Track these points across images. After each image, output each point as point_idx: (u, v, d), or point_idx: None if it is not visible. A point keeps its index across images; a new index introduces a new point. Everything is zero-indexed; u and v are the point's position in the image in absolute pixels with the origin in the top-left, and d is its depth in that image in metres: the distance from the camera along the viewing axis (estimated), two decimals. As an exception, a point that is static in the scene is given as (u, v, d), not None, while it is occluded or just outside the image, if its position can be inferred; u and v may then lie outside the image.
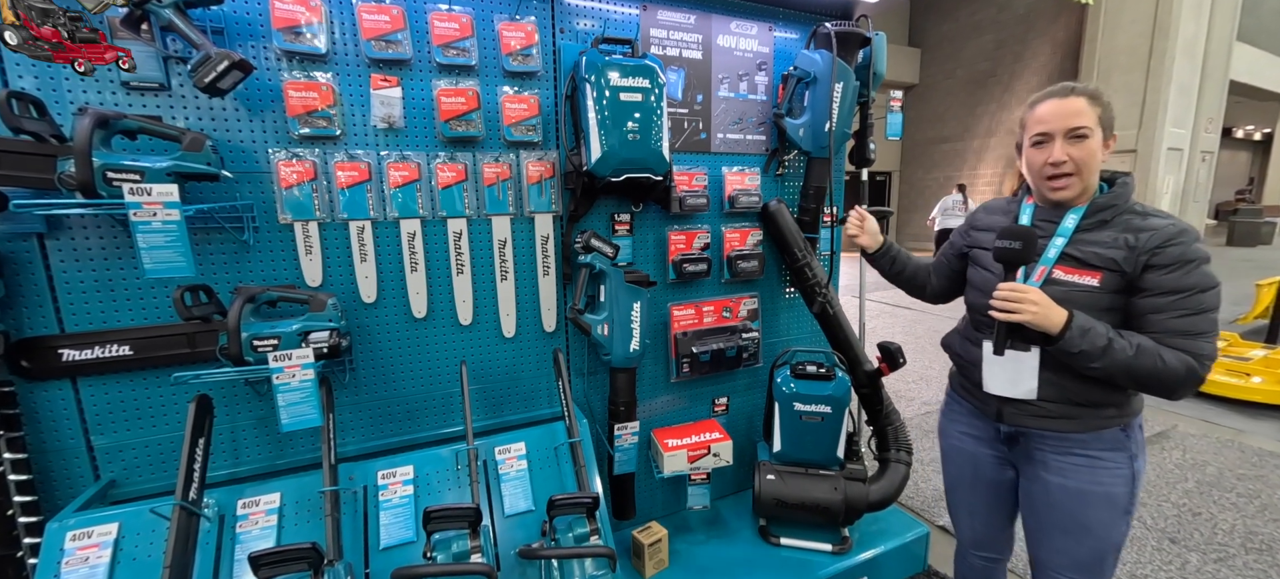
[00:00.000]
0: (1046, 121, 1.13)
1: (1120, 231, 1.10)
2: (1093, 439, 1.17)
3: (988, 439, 1.34)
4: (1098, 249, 1.11)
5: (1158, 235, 1.06)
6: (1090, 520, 1.18)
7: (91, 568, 1.17)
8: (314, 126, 1.39)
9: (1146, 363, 1.04)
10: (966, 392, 1.37)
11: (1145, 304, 1.08)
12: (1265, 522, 2.36)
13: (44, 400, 1.30)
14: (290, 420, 1.23)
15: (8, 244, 1.22)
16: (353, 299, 1.51)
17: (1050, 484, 1.21)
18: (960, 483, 1.44)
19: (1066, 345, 1.08)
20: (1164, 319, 1.05)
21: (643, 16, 1.73)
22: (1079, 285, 1.12)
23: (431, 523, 1.20)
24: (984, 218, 1.36)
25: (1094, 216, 1.13)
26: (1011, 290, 1.12)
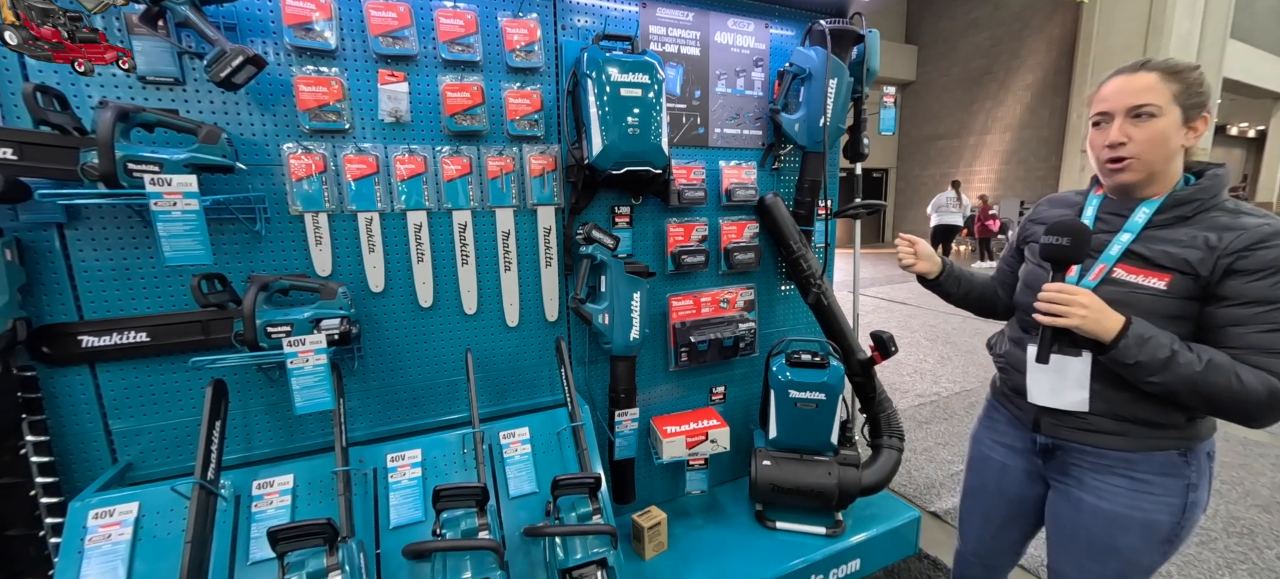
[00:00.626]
0: (1107, 100, 1.02)
1: (1202, 230, 0.96)
2: (1142, 460, 1.05)
3: (1021, 450, 1.25)
4: (1170, 247, 0.98)
5: (1247, 235, 0.92)
6: (1120, 545, 1.08)
7: (114, 545, 1.21)
8: (324, 120, 1.43)
9: (1218, 380, 0.90)
10: (1006, 398, 1.28)
11: (1224, 314, 0.94)
12: (1247, 507, 2.43)
13: (63, 385, 1.35)
14: (304, 403, 1.28)
15: (29, 233, 1.26)
16: (361, 288, 1.55)
17: (1083, 502, 1.12)
18: (981, 492, 1.36)
19: (1120, 355, 0.96)
20: (1245, 333, 0.92)
21: (642, 13, 1.78)
22: (1142, 287, 0.99)
23: (440, 501, 1.25)
24: (1045, 211, 1.25)
25: (1171, 211, 1.00)
26: (1059, 291, 1.00)
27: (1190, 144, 1.00)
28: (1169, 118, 0.97)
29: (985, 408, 1.40)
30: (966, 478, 1.43)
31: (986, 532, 1.38)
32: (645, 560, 1.82)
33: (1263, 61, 11.62)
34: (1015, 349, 1.21)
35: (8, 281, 1.19)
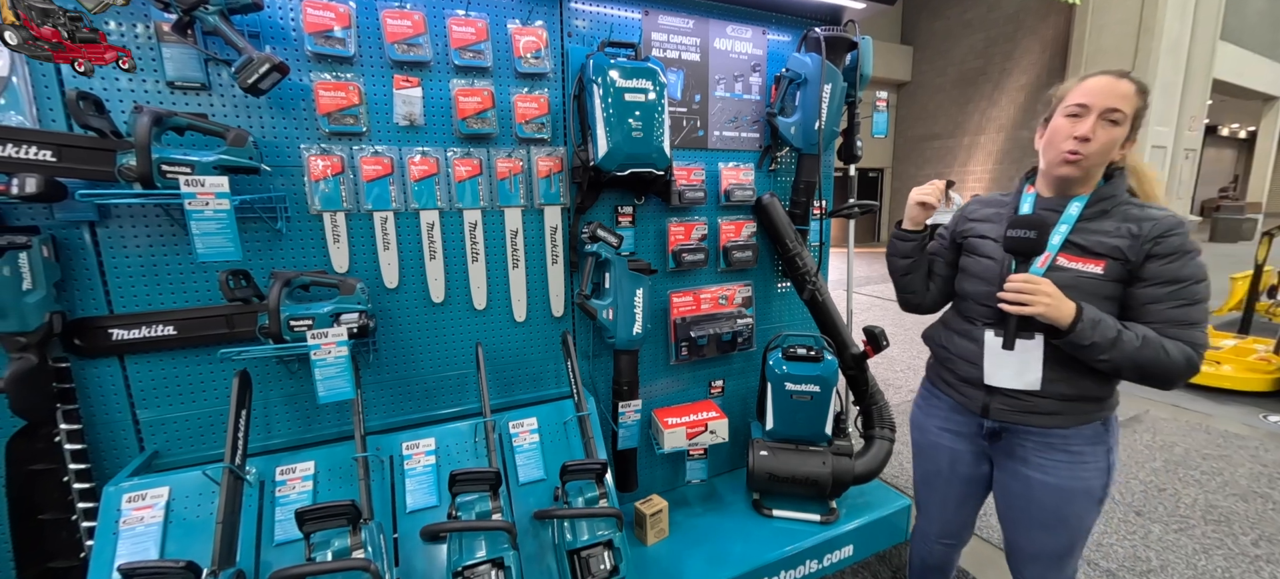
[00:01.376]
0: (1090, 94, 1.09)
1: (1120, 221, 1.10)
2: (1074, 434, 1.18)
3: (968, 434, 1.34)
4: (1101, 237, 1.10)
5: (1160, 225, 1.07)
6: (1067, 514, 1.20)
7: (147, 527, 1.28)
8: (341, 124, 1.50)
9: (1150, 354, 1.04)
10: (948, 385, 1.35)
11: (1145, 293, 1.08)
12: (1225, 496, 2.53)
13: (93, 376, 1.41)
14: (326, 393, 1.35)
15: (63, 231, 1.32)
16: (376, 284, 1.62)
17: (1032, 480, 1.22)
18: (936, 477, 1.43)
19: (1077, 338, 1.06)
20: (1163, 309, 1.06)
21: (644, 21, 1.85)
22: (1084, 273, 1.11)
23: (457, 485, 1.33)
24: (979, 209, 1.34)
25: (1096, 206, 1.13)
26: (1025, 282, 1.09)
27: (1119, 157, 1.15)
28: (1124, 128, 1.09)
29: (923, 395, 1.47)
30: (917, 465, 1.50)
31: (946, 512, 1.46)
32: (647, 546, 1.89)
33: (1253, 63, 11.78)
34: (964, 340, 1.28)
35: (45, 277, 1.26)
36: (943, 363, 1.37)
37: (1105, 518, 2.37)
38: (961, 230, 1.35)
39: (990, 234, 1.27)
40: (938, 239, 1.45)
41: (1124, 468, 2.79)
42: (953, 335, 1.33)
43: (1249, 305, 4.84)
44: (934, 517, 1.50)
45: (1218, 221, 13.04)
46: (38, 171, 1.16)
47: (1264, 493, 2.55)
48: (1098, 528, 2.30)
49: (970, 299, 1.28)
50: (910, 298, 1.46)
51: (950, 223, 1.42)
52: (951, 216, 1.44)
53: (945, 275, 1.41)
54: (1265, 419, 3.35)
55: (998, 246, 1.24)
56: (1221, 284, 6.71)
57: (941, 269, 1.42)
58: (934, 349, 1.41)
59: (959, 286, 1.34)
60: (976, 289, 1.26)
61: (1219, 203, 14.38)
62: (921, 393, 1.49)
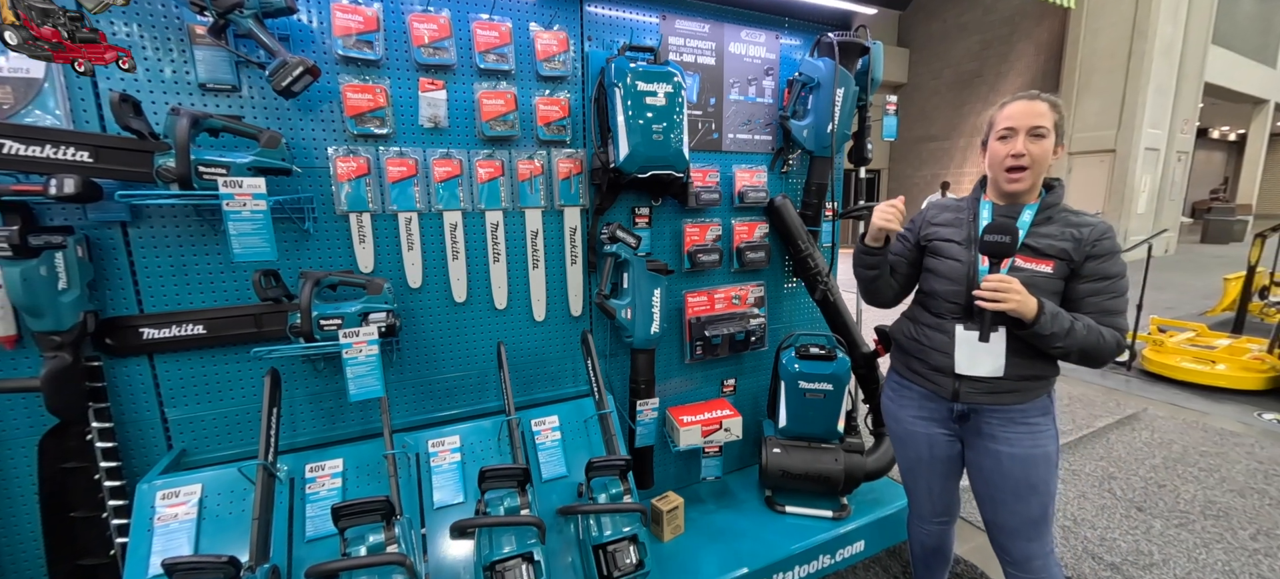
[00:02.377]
0: (1014, 118, 1.27)
1: (1063, 226, 1.28)
2: (1030, 407, 1.33)
3: (940, 419, 1.45)
4: (1050, 240, 1.27)
5: (1096, 230, 1.26)
6: (1036, 479, 1.34)
7: (181, 523, 1.30)
8: (368, 126, 1.52)
9: (1094, 339, 1.22)
10: (919, 375, 1.46)
11: (1084, 288, 1.26)
12: (1223, 492, 2.59)
13: (124, 375, 1.43)
14: (357, 391, 1.37)
15: (96, 231, 1.34)
16: (400, 284, 1.64)
17: (1001, 455, 1.35)
18: (919, 463, 1.53)
19: (1039, 329, 1.22)
20: (1099, 301, 1.25)
21: (662, 25, 1.88)
22: (1038, 272, 1.27)
23: (486, 482, 1.35)
24: (939, 215, 1.46)
25: (1043, 212, 1.31)
26: (1000, 282, 1.23)
27: (1053, 163, 1.30)
28: (1050, 140, 1.26)
29: (892, 387, 1.58)
30: (900, 455, 1.60)
31: (934, 493, 1.56)
32: (664, 542, 1.92)
33: (1243, 67, 11.96)
34: (935, 333, 1.40)
35: (79, 277, 1.28)
36: (913, 355, 1.48)
37: (1107, 513, 2.42)
38: (926, 234, 1.47)
39: (954, 238, 1.39)
40: (899, 240, 1.55)
41: (1124, 465, 2.85)
42: (924, 329, 1.44)
43: (1242, 306, 4.93)
44: (924, 499, 1.59)
45: (1209, 223, 13.22)
46: (76, 172, 1.18)
47: (1260, 488, 2.61)
48: (1101, 522, 2.35)
49: (939, 297, 1.40)
50: (876, 298, 1.57)
51: (909, 228, 1.53)
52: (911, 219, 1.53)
53: (908, 275, 1.53)
54: (1260, 417, 3.42)
55: (962, 249, 1.37)
56: (1215, 285, 6.83)
57: (904, 269, 1.53)
58: (903, 342, 1.51)
59: (927, 285, 1.46)
60: (945, 288, 1.38)
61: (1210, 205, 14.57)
62: (890, 385, 1.59)
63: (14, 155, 1.14)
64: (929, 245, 1.45)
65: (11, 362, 1.33)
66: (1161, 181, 10.26)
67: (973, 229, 1.37)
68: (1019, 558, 1.40)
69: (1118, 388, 3.99)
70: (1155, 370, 4.11)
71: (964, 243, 1.37)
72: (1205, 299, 6.57)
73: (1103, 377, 4.22)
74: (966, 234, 1.37)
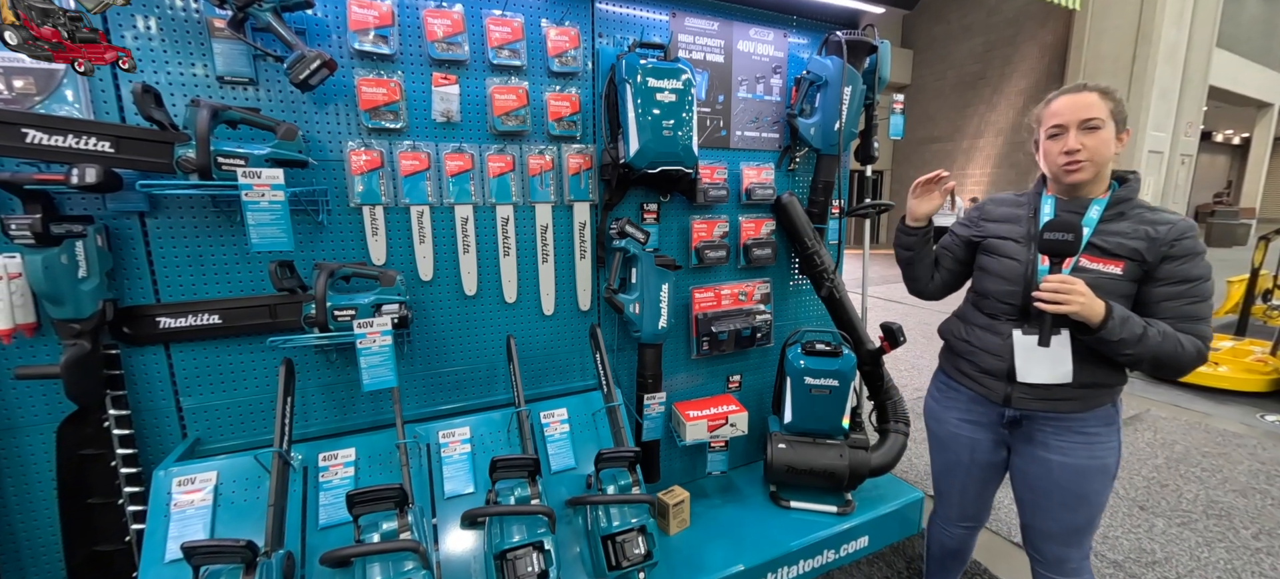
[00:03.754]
0: (1061, 114, 1.20)
1: (1137, 223, 1.18)
2: (1090, 417, 1.25)
3: (988, 423, 1.38)
4: (1120, 239, 1.18)
5: (1176, 229, 1.15)
6: (1088, 492, 1.27)
7: (197, 509, 1.32)
8: (382, 120, 1.54)
9: (1170, 348, 1.12)
10: (967, 377, 1.40)
11: (1161, 291, 1.16)
12: (1226, 492, 2.60)
13: (140, 364, 1.44)
14: (371, 381, 1.38)
15: (114, 221, 1.36)
16: (412, 277, 1.66)
17: (1052, 463, 1.28)
18: (957, 466, 1.48)
19: (1107, 334, 1.12)
20: (1178, 306, 1.15)
21: (672, 23, 1.89)
22: (1105, 273, 1.18)
23: (497, 472, 1.37)
24: (996, 210, 1.39)
25: (1113, 208, 1.21)
26: (1062, 282, 1.14)
27: (1118, 152, 1.22)
28: (1108, 129, 1.18)
29: (938, 388, 1.53)
30: (937, 457, 1.55)
31: (967, 498, 1.52)
32: (670, 536, 1.94)
33: (1247, 70, 11.94)
34: (987, 335, 1.34)
35: (98, 265, 1.29)
36: (963, 356, 1.42)
37: (1110, 512, 2.43)
38: (981, 232, 1.41)
39: (1010, 235, 1.33)
40: (949, 235, 1.52)
41: (1127, 465, 2.86)
42: (975, 330, 1.38)
43: (1245, 309, 4.93)
44: (955, 503, 1.55)
45: (1212, 226, 13.20)
46: (97, 162, 1.20)
47: (1263, 489, 2.62)
48: (1103, 521, 2.36)
49: (993, 297, 1.34)
50: (914, 284, 1.55)
51: (964, 222, 1.48)
52: (954, 218, 1.51)
53: (953, 270, 1.49)
54: (1263, 418, 3.43)
55: (1020, 247, 1.29)
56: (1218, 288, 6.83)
57: (949, 264, 1.49)
58: (953, 343, 1.45)
59: (981, 285, 1.39)
60: (1000, 288, 1.32)
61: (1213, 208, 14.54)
62: (936, 386, 1.54)
63: (38, 144, 1.16)
64: (984, 243, 1.38)
65: (31, 349, 1.35)
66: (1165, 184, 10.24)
67: (1032, 226, 1.29)
68: (1052, 559, 1.36)
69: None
70: (1158, 372, 4.11)
71: (1022, 240, 1.29)
72: (1208, 302, 6.56)
73: (1105, 378, 4.22)
74: (1026, 231, 1.30)
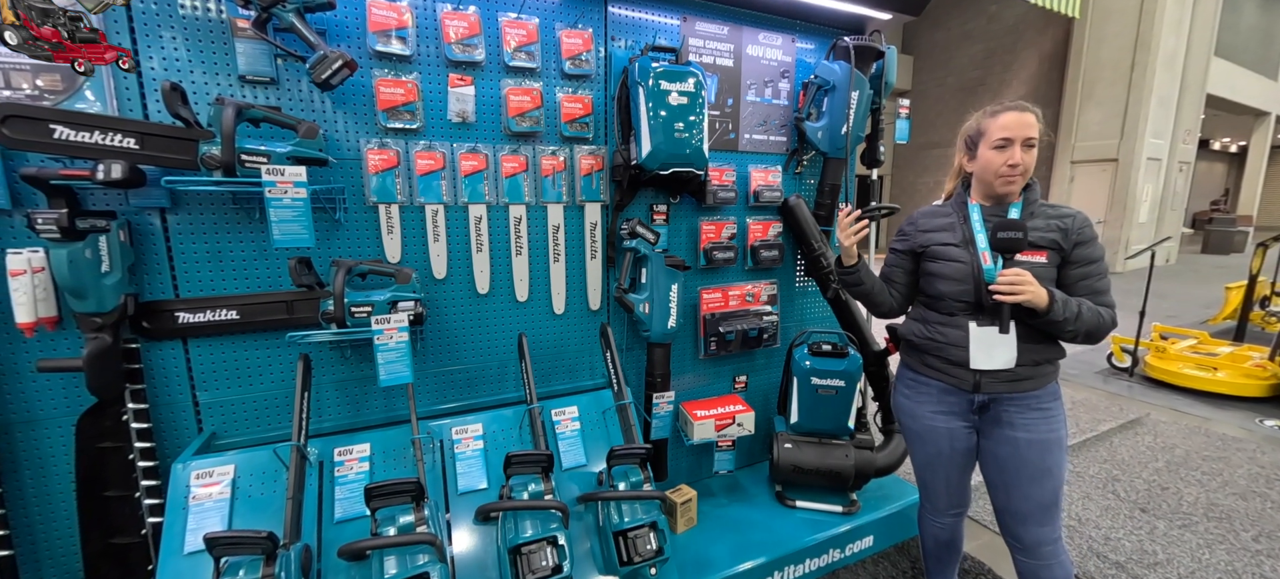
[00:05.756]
0: (1010, 129, 1.34)
1: (1047, 219, 1.37)
2: (1043, 393, 1.41)
3: (960, 412, 1.48)
4: (1040, 233, 1.36)
5: (1078, 220, 1.36)
6: (1051, 464, 1.40)
7: (215, 502, 1.33)
8: (399, 119, 1.56)
9: (1095, 318, 1.31)
10: (937, 371, 1.49)
11: (1076, 273, 1.35)
12: (1226, 495, 2.62)
13: (158, 358, 1.46)
14: (387, 377, 1.40)
15: (136, 217, 1.38)
16: (426, 275, 1.68)
17: (1018, 441, 1.40)
18: (938, 458, 1.55)
19: (1053, 316, 1.29)
20: (1091, 283, 1.35)
21: (683, 27, 1.92)
22: (1036, 264, 1.35)
23: (511, 467, 1.39)
24: (928, 221, 1.52)
25: (1027, 209, 1.40)
26: (1016, 276, 1.29)
27: None
28: (1036, 148, 1.36)
29: (907, 384, 1.61)
30: (918, 451, 1.61)
31: (952, 486, 1.60)
32: (677, 534, 1.95)
33: (1245, 79, 12.03)
34: (950, 330, 1.45)
35: (121, 260, 1.31)
36: (929, 352, 1.52)
37: (1112, 514, 2.46)
38: (922, 243, 1.53)
39: (949, 241, 1.46)
40: (891, 253, 1.62)
41: (1128, 468, 2.88)
42: (936, 327, 1.49)
43: (1243, 315, 4.97)
44: (942, 493, 1.61)
45: (1210, 233, 13.27)
46: (123, 158, 1.22)
47: (1262, 492, 2.64)
48: (1105, 522, 2.38)
49: (948, 297, 1.46)
50: (878, 309, 1.65)
51: (901, 237, 1.59)
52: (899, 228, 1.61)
53: (906, 283, 1.60)
54: (1261, 423, 3.46)
55: (961, 250, 1.44)
56: (1216, 294, 6.87)
57: (902, 278, 1.60)
58: (918, 341, 1.54)
59: (931, 288, 1.50)
60: (951, 289, 1.44)
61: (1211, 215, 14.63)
62: (904, 383, 1.62)
63: (65, 140, 1.18)
64: (926, 251, 1.51)
65: (52, 343, 1.36)
66: (1163, 191, 10.31)
67: (966, 230, 1.44)
68: (1030, 543, 1.44)
69: (1121, 393, 4.03)
70: (1158, 377, 4.15)
71: (960, 244, 1.44)
72: (1206, 308, 6.61)
73: (1105, 382, 4.25)
74: (961, 235, 1.44)
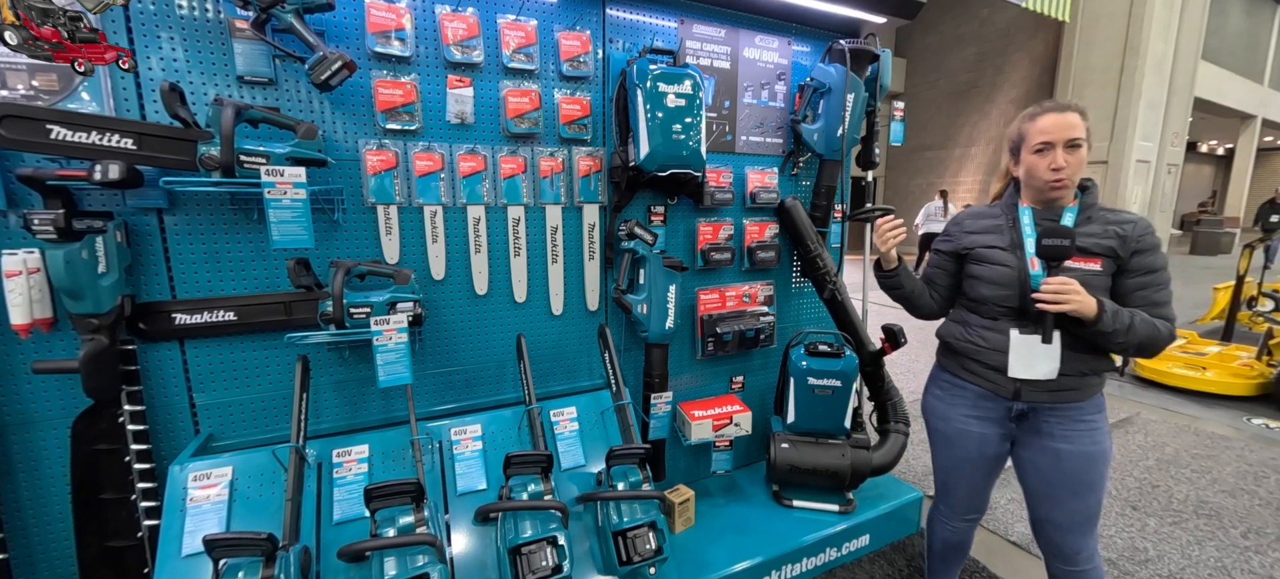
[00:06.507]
0: (1049, 132, 1.29)
1: (1104, 225, 1.31)
2: (1088, 405, 1.35)
3: (996, 418, 1.44)
4: (1094, 240, 1.30)
5: (1139, 227, 1.29)
6: (1094, 477, 1.35)
7: (212, 504, 1.33)
8: (398, 120, 1.56)
9: (1149, 331, 1.25)
10: (976, 375, 1.45)
11: (1133, 283, 1.29)
12: (1215, 493, 2.66)
13: (155, 359, 1.45)
14: (386, 378, 1.40)
15: (133, 217, 1.37)
16: (424, 276, 1.68)
17: (1061, 452, 1.35)
18: (965, 461, 1.53)
19: (1102, 327, 1.23)
20: (1148, 294, 1.28)
21: (680, 29, 1.93)
22: (1087, 271, 1.29)
23: (511, 467, 1.39)
24: (974, 222, 1.48)
25: (1083, 214, 1.33)
26: (1061, 284, 1.24)
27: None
28: (1085, 147, 1.30)
29: (941, 387, 1.57)
30: (943, 453, 1.59)
31: (973, 492, 1.58)
32: (675, 534, 1.96)
33: (1231, 82, 12.20)
34: (992, 334, 1.41)
35: (118, 261, 1.31)
36: (969, 356, 1.48)
37: (1104, 511, 2.48)
38: (965, 245, 1.49)
39: (996, 244, 1.41)
40: (933, 255, 1.59)
41: (1119, 467, 2.92)
42: (978, 331, 1.45)
43: (1231, 315, 5.04)
44: (961, 497, 1.60)
45: (1198, 235, 13.44)
46: (120, 159, 1.21)
47: (1250, 489, 2.68)
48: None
49: (991, 302, 1.42)
50: (918, 311, 1.62)
51: (945, 238, 1.56)
52: (943, 229, 1.59)
53: (949, 285, 1.56)
54: (1249, 422, 3.51)
55: (1008, 254, 1.39)
56: (1204, 294, 6.95)
57: (944, 281, 1.56)
58: (957, 345, 1.51)
59: (976, 292, 1.46)
60: (995, 293, 1.40)
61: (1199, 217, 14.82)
62: (938, 385, 1.59)
63: (62, 141, 1.18)
64: (970, 253, 1.47)
65: (47, 345, 1.35)
66: (1152, 193, 10.43)
67: (1015, 234, 1.39)
68: (1069, 552, 1.41)
69: (1111, 392, 4.07)
70: (1148, 376, 4.20)
71: (1008, 248, 1.39)
72: (1194, 308, 6.69)
73: (1096, 382, 4.30)
74: (1010, 240, 1.39)
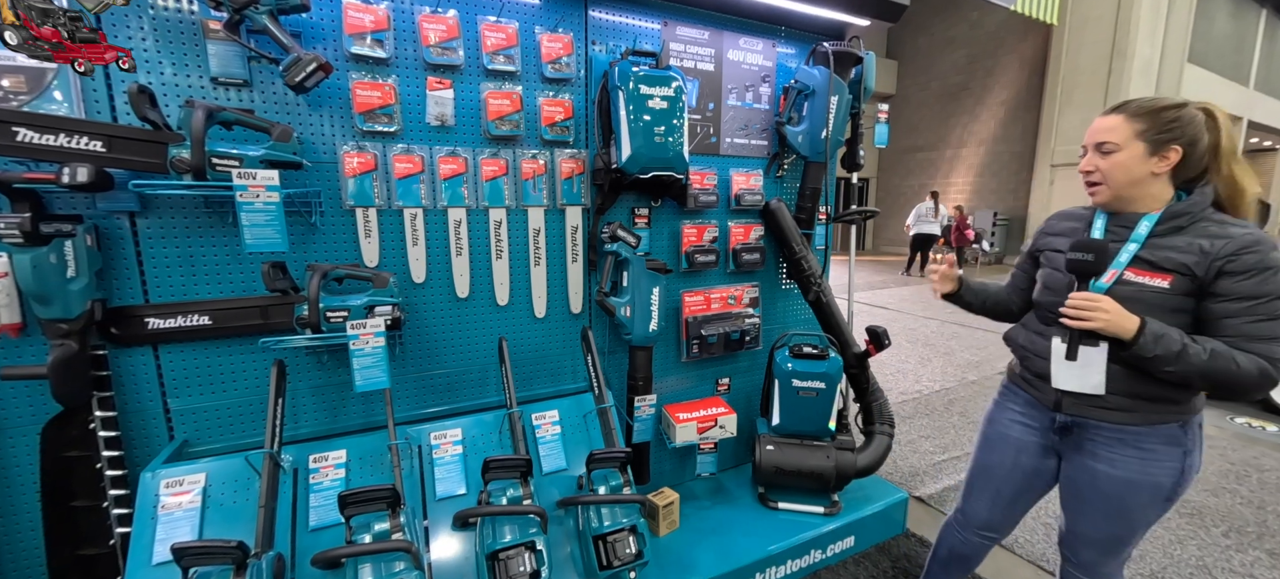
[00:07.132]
0: (1086, 135, 1.25)
1: (1196, 238, 1.13)
2: (1148, 432, 1.20)
3: (1039, 427, 1.38)
4: (1171, 253, 1.15)
5: (1233, 243, 1.09)
6: (1131, 506, 1.24)
7: (185, 512, 1.31)
8: (376, 122, 1.55)
9: (1220, 366, 1.08)
10: (1026, 382, 1.41)
11: (1218, 308, 1.11)
12: (1197, 491, 2.68)
13: (128, 365, 1.43)
14: (363, 383, 1.39)
15: (104, 220, 1.35)
16: (404, 279, 1.67)
17: (1098, 472, 1.26)
18: (997, 468, 1.46)
19: (1140, 351, 1.12)
20: (1238, 323, 1.09)
21: (664, 31, 1.93)
22: (1149, 287, 1.16)
23: (490, 472, 1.38)
24: (1057, 223, 1.41)
25: (1169, 222, 1.17)
26: (1085, 300, 1.16)
27: (1161, 171, 1.17)
28: (1129, 151, 1.17)
29: (1001, 393, 1.52)
30: (979, 456, 1.53)
31: (997, 505, 1.50)
32: (659, 537, 1.95)
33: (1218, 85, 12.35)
34: (1038, 339, 1.34)
35: (87, 265, 1.29)
36: (1021, 360, 1.43)
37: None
38: (1040, 245, 1.44)
39: (1062, 249, 1.33)
40: (1021, 256, 1.54)
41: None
42: (1031, 335, 1.39)
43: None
44: (982, 507, 1.53)
45: (1184, 236, 13.54)
46: (89, 161, 1.19)
47: (1232, 489, 2.71)
48: (1081, 521, 2.42)
49: (1043, 307, 1.36)
50: (1004, 317, 1.57)
51: (1031, 240, 1.50)
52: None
53: (1027, 286, 1.49)
54: (1232, 421, 3.55)
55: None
56: (1189, 295, 7.03)
57: (1023, 282, 1.51)
58: (1015, 349, 1.45)
59: (1036, 294, 1.41)
60: (1046, 297, 1.34)
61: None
62: (1000, 390, 1.54)
63: (28, 143, 1.16)
64: (1042, 255, 1.42)
65: (16, 350, 1.33)
66: (1139, 195, 10.54)
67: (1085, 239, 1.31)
68: (1085, 563, 1.36)
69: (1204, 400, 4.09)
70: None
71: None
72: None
73: (1083, 382, 4.32)
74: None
